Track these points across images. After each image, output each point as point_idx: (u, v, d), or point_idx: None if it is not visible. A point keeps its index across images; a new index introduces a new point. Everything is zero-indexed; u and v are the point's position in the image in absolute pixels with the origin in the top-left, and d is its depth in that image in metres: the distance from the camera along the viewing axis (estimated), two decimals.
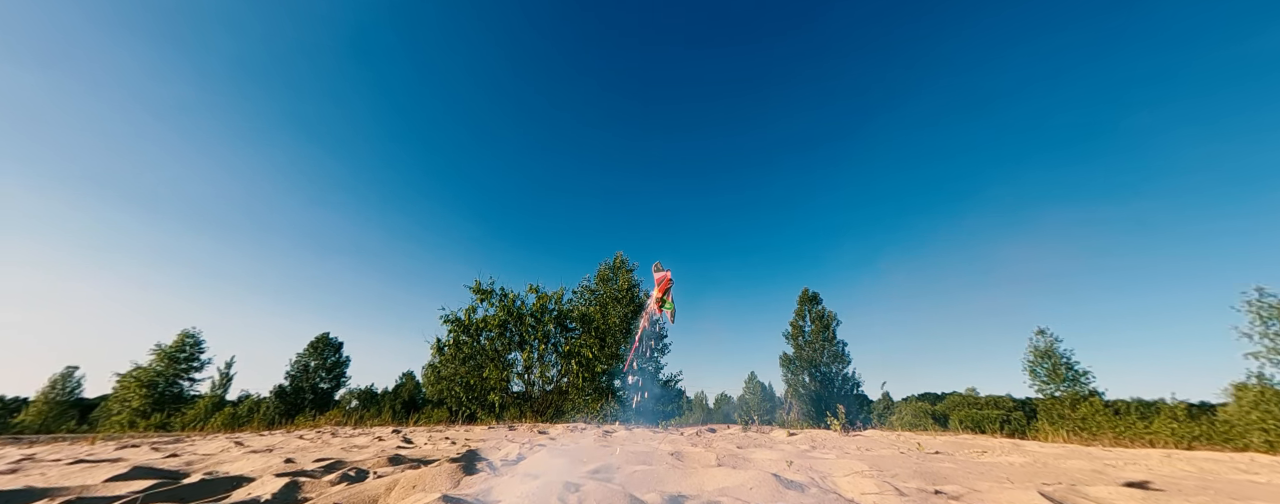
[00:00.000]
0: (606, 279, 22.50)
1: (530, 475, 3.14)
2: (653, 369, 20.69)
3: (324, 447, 6.43)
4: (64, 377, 29.44)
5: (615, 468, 3.60)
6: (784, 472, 3.71)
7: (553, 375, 18.40)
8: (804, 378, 26.11)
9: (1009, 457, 6.11)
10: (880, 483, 3.24)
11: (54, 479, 3.45)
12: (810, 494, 2.92)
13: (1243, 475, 4.68)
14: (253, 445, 6.76)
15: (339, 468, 3.89)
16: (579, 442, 6.79)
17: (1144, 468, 5.11)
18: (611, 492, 2.45)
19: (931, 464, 4.77)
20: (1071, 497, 3.12)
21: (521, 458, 4.44)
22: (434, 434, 9.08)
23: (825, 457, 5.09)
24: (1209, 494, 3.41)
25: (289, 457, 4.74)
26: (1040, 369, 18.03)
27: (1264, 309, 11.11)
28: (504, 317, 18.12)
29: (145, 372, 22.75)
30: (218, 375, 26.50)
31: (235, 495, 2.91)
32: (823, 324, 26.69)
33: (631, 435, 8.30)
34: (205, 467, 4.26)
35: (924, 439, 9.05)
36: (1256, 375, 11.02)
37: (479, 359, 17.86)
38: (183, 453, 5.80)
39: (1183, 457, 6.36)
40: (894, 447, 7.30)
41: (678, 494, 2.82)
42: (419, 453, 5.36)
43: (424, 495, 2.59)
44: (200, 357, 24.69)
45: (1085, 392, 16.82)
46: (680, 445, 5.92)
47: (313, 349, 29.54)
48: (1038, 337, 18.47)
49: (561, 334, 19.07)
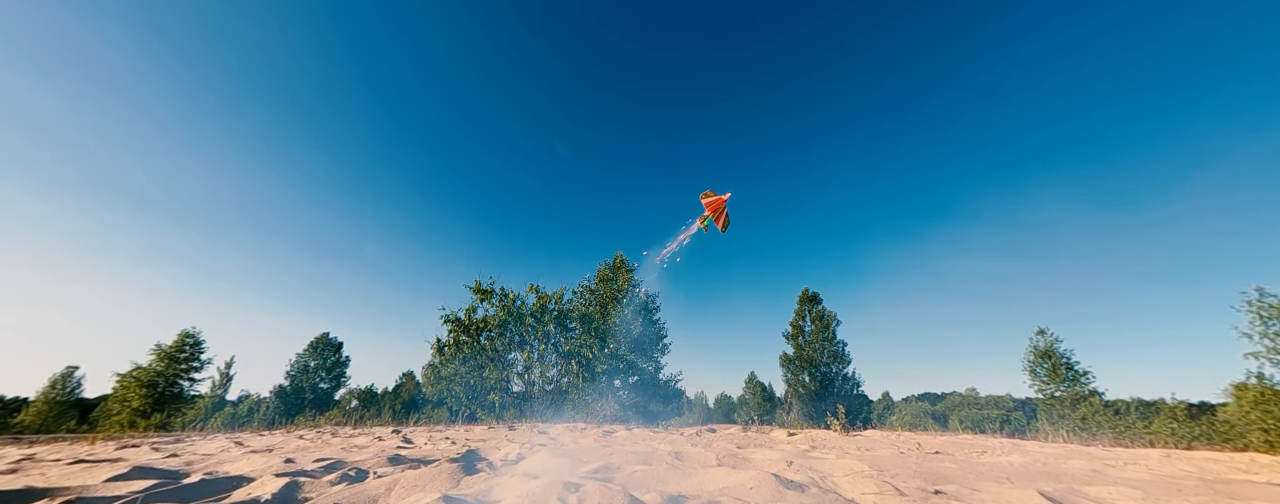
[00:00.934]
0: (606, 279, 22.49)
1: (530, 475, 3.14)
2: (653, 369, 20.68)
3: (324, 447, 6.43)
4: (64, 377, 29.42)
5: (615, 468, 3.60)
6: (784, 472, 3.71)
7: (553, 375, 18.40)
8: (804, 378, 26.10)
9: (1009, 457, 6.11)
10: (880, 483, 3.24)
11: (54, 479, 3.45)
12: (810, 494, 2.92)
13: (1243, 475, 4.68)
14: (253, 445, 6.76)
15: (339, 468, 3.89)
16: (579, 442, 6.79)
17: (1144, 468, 5.11)
18: (611, 492, 2.45)
19: (931, 464, 4.77)
20: (1071, 497, 3.12)
21: (521, 458, 4.44)
22: (434, 434, 9.08)
23: (825, 457, 5.09)
24: (1209, 494, 3.41)
25: (289, 457, 4.74)
26: (1040, 369, 18.02)
27: (1264, 309, 11.10)
28: (504, 317, 18.13)
29: (145, 372, 22.74)
30: (218, 375, 26.53)
31: (235, 495, 2.91)
32: (823, 324, 26.68)
33: (631, 435, 8.31)
34: (205, 467, 4.26)
35: (924, 439, 9.05)
36: (1256, 375, 11.01)
37: (479, 359, 17.86)
38: (183, 453, 5.80)
39: (1183, 457, 6.37)
40: (894, 447, 7.31)
41: (678, 494, 2.82)
42: (419, 453, 5.37)
43: (424, 495, 2.60)
44: (200, 357, 24.68)
45: (1085, 392, 16.81)
46: (680, 445, 5.92)
47: (313, 349, 29.56)
48: (1038, 337, 18.47)
49: (561, 334, 19.07)
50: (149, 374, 22.76)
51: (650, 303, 21.85)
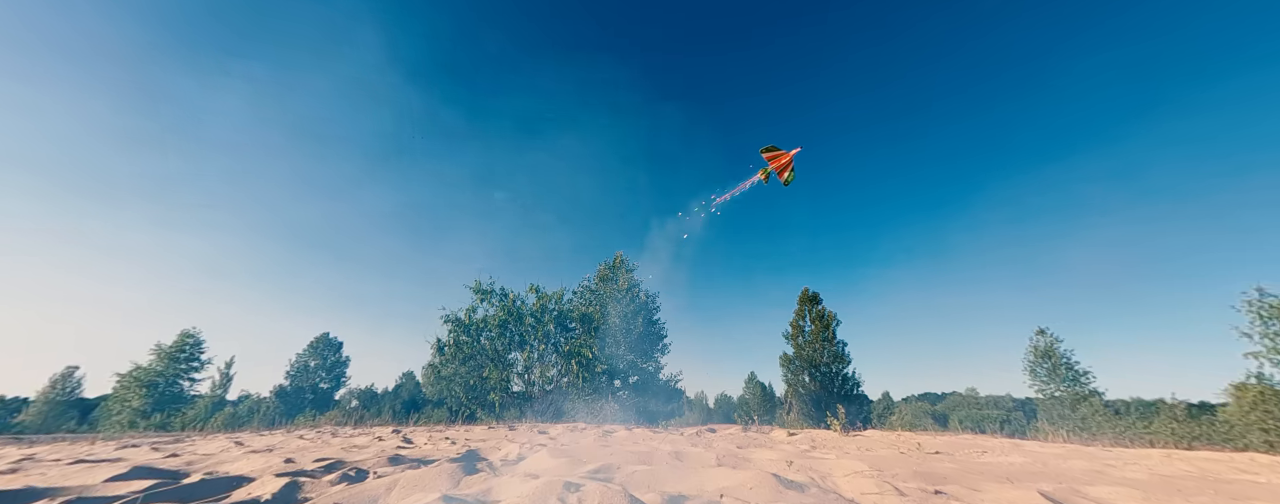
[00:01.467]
0: (606, 279, 22.50)
1: (530, 475, 3.14)
2: (653, 369, 20.69)
3: (324, 447, 6.43)
4: (64, 377, 29.43)
5: (615, 468, 3.60)
6: (784, 472, 3.71)
7: (553, 375, 18.40)
8: (804, 378, 26.08)
9: (1009, 457, 6.11)
10: (880, 483, 3.24)
11: (54, 479, 3.45)
12: (810, 494, 2.92)
13: (1243, 475, 4.68)
14: (253, 445, 6.76)
15: (339, 468, 3.90)
16: (579, 442, 6.79)
17: (1144, 468, 5.11)
18: (611, 492, 2.45)
19: (931, 464, 4.77)
20: (1071, 497, 3.12)
21: (521, 458, 4.44)
22: (434, 434, 9.08)
23: (825, 457, 5.09)
24: (1209, 494, 3.41)
25: (289, 457, 4.74)
26: (1040, 369, 18.04)
27: (1264, 309, 11.11)
28: (504, 317, 18.13)
29: (145, 372, 22.76)
30: (218, 375, 26.54)
31: (235, 495, 2.91)
32: (823, 324, 26.67)
33: (631, 435, 8.31)
34: (205, 467, 4.26)
35: (924, 439, 9.06)
36: (1255, 375, 11.02)
37: (479, 359, 17.86)
38: (183, 453, 5.80)
39: (1183, 457, 6.37)
40: (894, 447, 7.31)
41: (678, 494, 2.82)
42: (419, 453, 5.37)
43: (424, 495, 2.60)
44: (200, 357, 24.69)
45: (1085, 392, 16.82)
46: (680, 445, 5.92)
47: (313, 349, 29.55)
48: (1038, 337, 18.49)
49: (561, 334, 19.07)
50: (149, 374, 22.78)
51: (650, 303, 21.87)
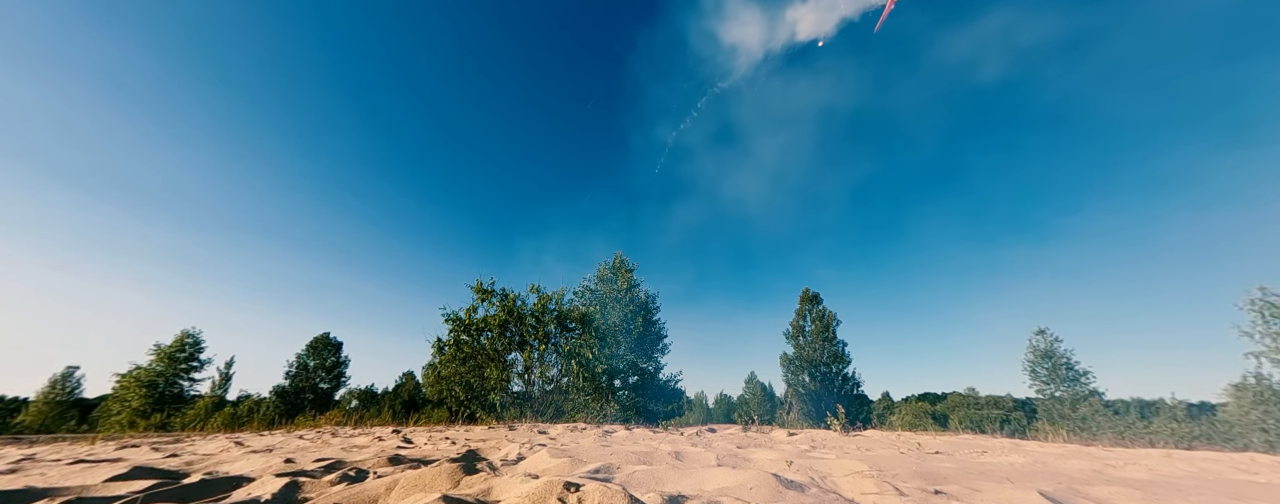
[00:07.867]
0: (606, 279, 22.51)
1: (530, 475, 3.14)
2: (653, 369, 20.70)
3: (324, 447, 6.43)
4: (64, 376, 29.43)
5: (615, 468, 3.60)
6: (784, 472, 3.71)
7: (553, 375, 18.41)
8: (804, 378, 26.12)
9: (1009, 457, 6.11)
10: (880, 483, 3.24)
11: (54, 479, 3.45)
12: (810, 494, 2.92)
13: (1243, 475, 4.68)
14: (253, 445, 6.76)
15: (339, 468, 3.89)
16: (579, 442, 6.79)
17: (1144, 468, 5.10)
18: (611, 492, 2.45)
19: (931, 464, 4.77)
20: (1071, 497, 3.12)
21: (521, 458, 4.44)
22: (434, 434, 9.08)
23: (825, 457, 5.09)
24: (1209, 494, 3.41)
25: (289, 457, 4.74)
26: (1040, 369, 18.05)
27: (1266, 308, 11.12)
28: (504, 317, 18.14)
29: (145, 372, 22.76)
30: (217, 375, 26.56)
31: (235, 495, 2.91)
32: (823, 324, 26.70)
33: (631, 435, 8.30)
34: (205, 467, 4.26)
35: (924, 439, 9.05)
36: (1255, 375, 11.03)
37: (479, 359, 17.87)
38: (183, 453, 5.80)
39: (1183, 457, 6.36)
40: (894, 447, 7.30)
41: (678, 494, 2.82)
42: (419, 453, 5.36)
43: (424, 495, 2.60)
44: (200, 356, 24.70)
45: (1085, 392, 16.83)
46: (680, 445, 5.91)
47: (312, 349, 29.56)
48: (1038, 337, 18.49)
49: (562, 334, 19.08)
50: (149, 374, 22.79)
51: (650, 303, 21.90)
